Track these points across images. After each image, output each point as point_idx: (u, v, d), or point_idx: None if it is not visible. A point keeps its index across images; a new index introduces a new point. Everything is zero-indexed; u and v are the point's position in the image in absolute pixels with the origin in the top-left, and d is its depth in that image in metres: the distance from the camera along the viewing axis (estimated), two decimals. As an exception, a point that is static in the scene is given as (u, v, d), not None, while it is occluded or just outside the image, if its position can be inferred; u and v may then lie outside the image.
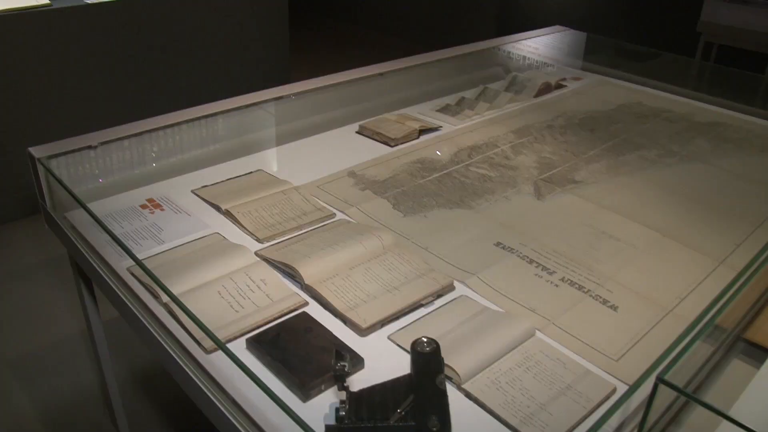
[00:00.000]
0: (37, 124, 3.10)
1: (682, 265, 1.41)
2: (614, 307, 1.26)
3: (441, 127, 2.10)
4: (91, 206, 1.43)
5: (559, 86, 2.55)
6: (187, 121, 1.88)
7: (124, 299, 1.27)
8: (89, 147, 1.67)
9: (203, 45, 3.54)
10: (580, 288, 1.31)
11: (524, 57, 2.86)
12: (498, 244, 1.46)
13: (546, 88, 2.48)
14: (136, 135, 1.76)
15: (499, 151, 1.94)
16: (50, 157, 1.59)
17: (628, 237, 1.51)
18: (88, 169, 1.69)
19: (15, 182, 3.08)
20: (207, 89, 3.61)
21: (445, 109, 2.24)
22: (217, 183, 1.70)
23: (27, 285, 2.69)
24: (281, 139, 2.01)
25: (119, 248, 1.30)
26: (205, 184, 1.69)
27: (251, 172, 1.75)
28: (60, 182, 1.48)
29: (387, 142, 1.96)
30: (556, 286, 1.32)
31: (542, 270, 1.37)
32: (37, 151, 1.59)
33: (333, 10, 7.51)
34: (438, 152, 1.91)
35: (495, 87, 2.44)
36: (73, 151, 1.65)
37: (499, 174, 1.79)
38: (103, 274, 1.36)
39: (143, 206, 1.58)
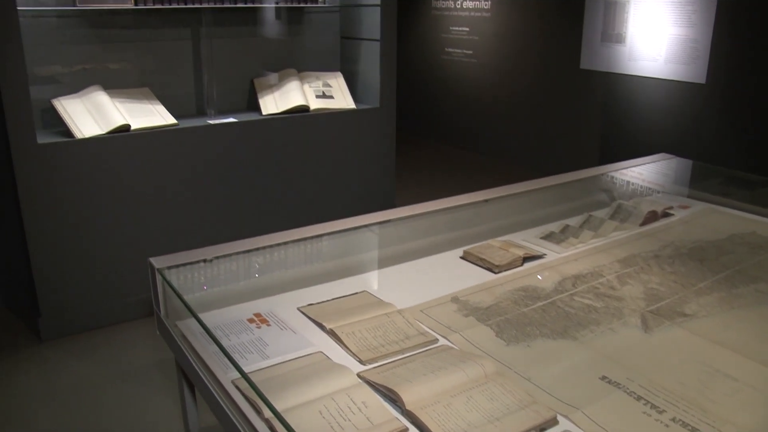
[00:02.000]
0: (158, 233, 3.32)
1: (807, 411, 1.32)
2: (731, 454, 1.19)
3: (545, 254, 2.10)
4: (202, 317, 1.51)
5: (665, 215, 2.51)
6: (295, 241, 1.97)
7: (227, 410, 1.31)
8: (204, 260, 1.78)
9: (313, 166, 3.73)
10: (693, 430, 1.25)
11: (629, 183, 2.85)
12: (603, 377, 1.42)
13: (652, 217, 2.45)
14: (247, 251, 1.87)
15: (604, 281, 1.91)
16: (168, 267, 1.70)
17: (745, 376, 1.43)
18: (201, 281, 1.79)
19: (133, 286, 3.27)
20: (315, 208, 3.78)
21: (549, 237, 2.24)
22: (323, 302, 1.75)
23: (135, 385, 2.80)
24: (386, 262, 2.07)
25: (226, 360, 1.36)
26: (310, 302, 1.75)
27: (356, 293, 1.80)
28: (176, 292, 1.57)
29: (491, 268, 1.98)
30: (667, 426, 1.26)
31: (651, 408, 1.31)
32: (157, 262, 1.71)
33: (437, 132, 7.77)
34: (539, 276, 1.90)
35: (599, 215, 2.43)
36: (190, 263, 1.77)
37: (604, 304, 1.76)
38: (207, 384, 1.41)
39: (250, 320, 1.65)
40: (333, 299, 1.77)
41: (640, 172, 2.95)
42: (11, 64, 2.80)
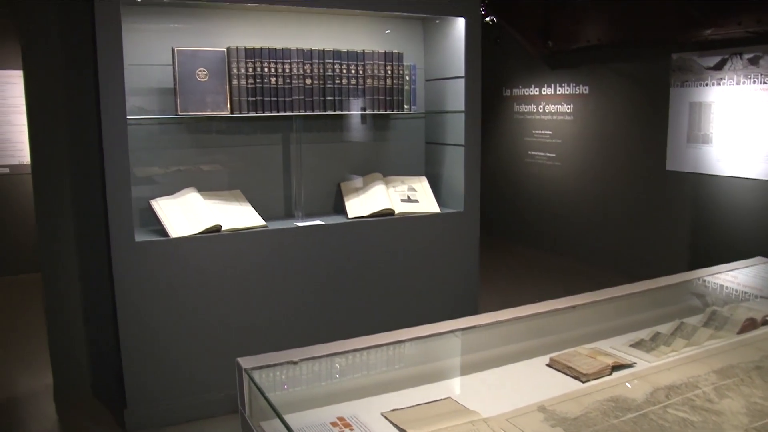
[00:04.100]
0: (244, 331, 3.41)
1: None
2: None
3: (635, 363, 2.04)
4: (286, 418, 1.52)
5: (765, 322, 2.40)
6: (379, 346, 1.98)
7: None
8: (291, 362, 1.81)
9: (397, 270, 3.78)
10: None
11: (722, 288, 2.75)
12: (703, 499, 1.34)
13: (750, 324, 2.34)
14: (332, 354, 1.89)
15: (700, 392, 1.83)
16: (255, 368, 1.74)
17: None
18: (287, 382, 1.82)
19: (218, 382, 3.33)
20: (398, 311, 3.79)
21: (639, 345, 2.18)
22: (407, 408, 1.74)
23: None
24: (470, 368, 2.05)
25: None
26: (394, 407, 1.74)
27: (440, 400, 1.79)
28: (262, 394, 1.60)
29: (578, 377, 1.93)
30: None
31: None
32: (244, 362, 1.75)
33: (521, 235, 7.74)
34: (628, 385, 1.84)
35: (692, 322, 2.35)
36: (276, 365, 1.80)
37: (702, 419, 1.68)
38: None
39: (333, 424, 1.65)
40: (417, 405, 1.75)
41: (735, 276, 2.84)
42: (117, 168, 3.04)
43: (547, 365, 2.04)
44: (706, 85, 5.38)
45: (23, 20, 3.28)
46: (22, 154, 6.38)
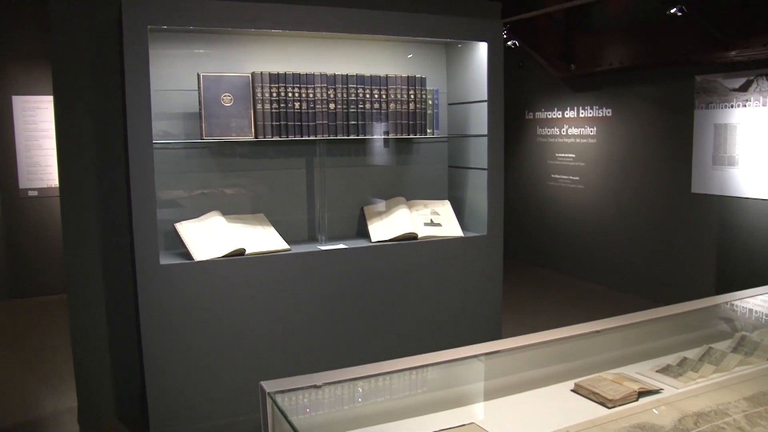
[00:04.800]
0: (266, 354, 3.41)
1: None
2: None
3: (662, 389, 2.00)
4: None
5: (796, 349, 2.35)
6: (402, 370, 1.98)
7: None
8: (314, 386, 1.81)
9: (420, 293, 3.77)
10: None
11: (751, 312, 2.70)
12: None
13: (781, 351, 2.30)
14: (355, 379, 1.89)
15: (730, 420, 1.79)
16: (278, 392, 1.74)
17: None
18: (310, 406, 1.82)
19: (241, 405, 3.34)
20: (421, 335, 3.77)
21: (665, 370, 2.14)
22: (431, 433, 1.73)
23: None
24: (493, 393, 2.03)
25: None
26: (416, 432, 1.74)
27: (463, 425, 1.77)
28: (286, 418, 1.60)
29: (604, 403, 1.90)
30: None
31: None
32: (268, 386, 1.75)
33: (544, 259, 7.69)
34: (655, 411, 1.81)
35: (720, 347, 2.30)
36: (299, 389, 1.80)
37: (731, 446, 1.65)
38: None
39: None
40: (440, 430, 1.74)
41: (765, 301, 2.79)
42: (143, 191, 3.09)
43: (572, 390, 2.02)
44: (731, 106, 5.34)
45: (54, 48, 3.35)
46: (51, 177, 6.51)
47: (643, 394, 1.96)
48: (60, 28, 3.34)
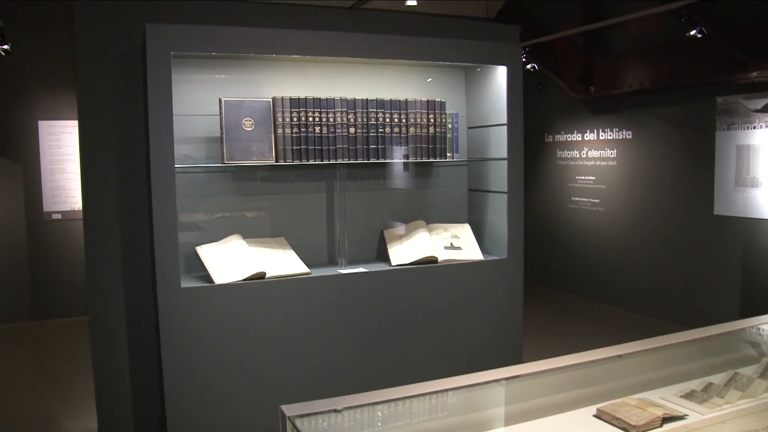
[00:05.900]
0: (286, 377, 3.40)
1: None
2: None
3: (687, 415, 1.97)
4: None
5: (824, 374, 2.31)
6: (422, 395, 1.97)
7: None
8: (334, 410, 1.80)
9: (440, 317, 3.75)
10: None
11: (779, 337, 2.66)
12: None
13: (808, 376, 2.26)
14: (375, 403, 1.88)
15: (756, 447, 1.76)
16: (298, 416, 1.73)
17: None
18: (330, 430, 1.81)
19: (260, 427, 3.32)
20: (441, 359, 3.75)
21: (690, 396, 2.11)
22: (451, 459, 1.71)
23: None
24: (514, 419, 2.01)
25: None
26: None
27: (485, 451, 1.76)
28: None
29: (627, 429, 1.88)
30: None
31: None
32: (288, 410, 1.75)
33: (565, 282, 7.63)
34: (684, 444, 1.78)
35: (747, 372, 2.27)
36: (320, 413, 1.79)
37: (758, 475, 1.61)
38: None
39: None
40: (461, 456, 1.73)
41: (791, 325, 2.75)
42: (165, 215, 3.12)
43: (595, 416, 1.99)
44: (754, 127, 5.30)
45: (79, 74, 3.42)
46: (75, 200, 6.60)
47: (667, 420, 1.94)
48: (85, 55, 3.40)
